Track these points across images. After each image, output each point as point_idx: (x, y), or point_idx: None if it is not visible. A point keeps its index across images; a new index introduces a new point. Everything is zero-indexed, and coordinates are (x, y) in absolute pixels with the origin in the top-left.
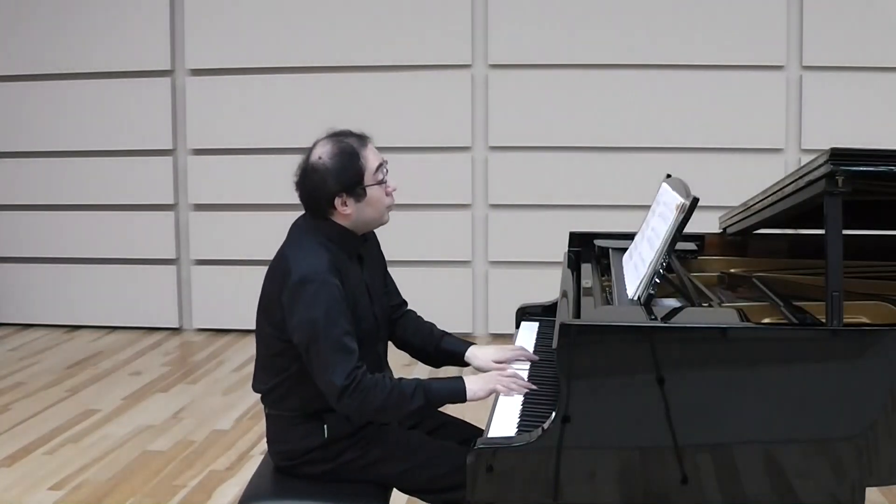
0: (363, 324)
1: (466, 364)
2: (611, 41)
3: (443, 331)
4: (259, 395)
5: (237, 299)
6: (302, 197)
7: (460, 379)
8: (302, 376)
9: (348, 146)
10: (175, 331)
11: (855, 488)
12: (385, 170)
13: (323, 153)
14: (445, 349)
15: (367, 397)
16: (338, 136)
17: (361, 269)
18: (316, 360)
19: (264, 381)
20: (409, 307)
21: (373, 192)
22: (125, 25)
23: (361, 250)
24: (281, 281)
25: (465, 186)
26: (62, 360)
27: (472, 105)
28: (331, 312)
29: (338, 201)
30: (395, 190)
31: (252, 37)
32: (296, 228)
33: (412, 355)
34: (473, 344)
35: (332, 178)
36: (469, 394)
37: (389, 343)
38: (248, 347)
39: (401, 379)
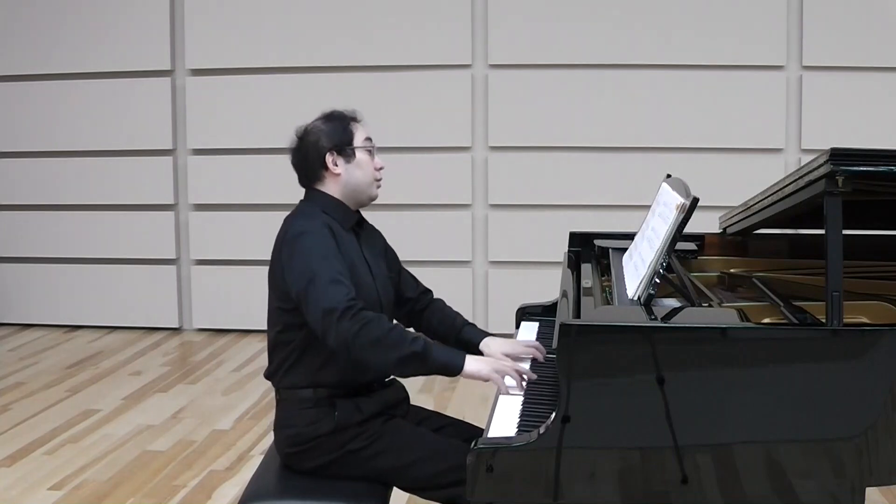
0: (365, 296)
1: (482, 353)
2: (611, 41)
3: (465, 320)
4: (269, 391)
5: (237, 299)
6: (296, 162)
7: (463, 354)
8: (306, 346)
9: (340, 114)
10: (175, 331)
11: (855, 488)
12: (373, 146)
13: (317, 121)
14: (464, 338)
15: (366, 325)
16: (330, 112)
17: (359, 243)
18: (313, 297)
19: (273, 361)
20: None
21: (361, 154)
22: (125, 25)
23: (357, 227)
24: (280, 245)
25: (465, 186)
26: (62, 360)
27: (472, 105)
28: (326, 256)
29: (329, 159)
30: (382, 168)
31: (252, 37)
32: (290, 213)
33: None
34: (491, 335)
35: (325, 136)
36: (465, 369)
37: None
38: (248, 347)
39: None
